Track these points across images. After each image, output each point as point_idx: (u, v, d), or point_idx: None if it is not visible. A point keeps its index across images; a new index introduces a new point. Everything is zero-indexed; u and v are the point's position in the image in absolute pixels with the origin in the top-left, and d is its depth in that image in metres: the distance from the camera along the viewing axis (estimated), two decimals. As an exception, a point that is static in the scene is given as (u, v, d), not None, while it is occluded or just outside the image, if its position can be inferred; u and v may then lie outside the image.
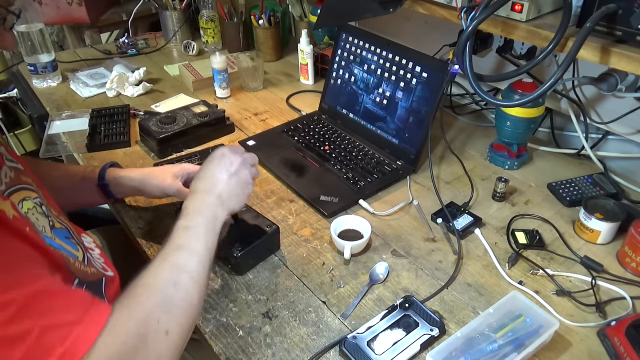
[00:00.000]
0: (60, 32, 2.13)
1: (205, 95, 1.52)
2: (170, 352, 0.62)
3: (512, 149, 1.17)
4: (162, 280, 0.65)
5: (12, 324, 0.52)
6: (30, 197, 0.71)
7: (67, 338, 0.54)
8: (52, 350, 0.53)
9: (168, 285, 0.65)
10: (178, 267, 0.67)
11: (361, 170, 1.16)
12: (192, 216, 0.74)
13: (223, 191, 0.78)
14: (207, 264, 0.71)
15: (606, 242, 0.97)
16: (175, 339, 0.63)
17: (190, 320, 0.66)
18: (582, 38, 0.80)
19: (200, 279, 0.68)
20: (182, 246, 0.70)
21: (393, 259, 0.94)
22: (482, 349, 0.74)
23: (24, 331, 0.52)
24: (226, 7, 1.76)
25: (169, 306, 0.63)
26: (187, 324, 0.65)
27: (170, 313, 0.63)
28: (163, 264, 0.67)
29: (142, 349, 0.59)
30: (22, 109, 2.03)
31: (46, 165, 1.01)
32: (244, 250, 0.88)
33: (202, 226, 0.73)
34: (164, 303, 0.63)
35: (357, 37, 1.27)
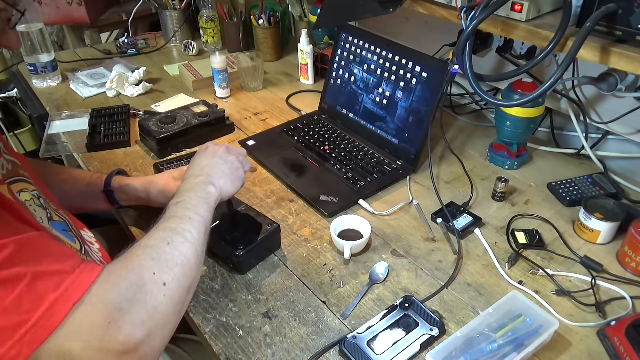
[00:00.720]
0: (60, 32, 2.13)
1: (205, 95, 1.52)
2: (168, 304, 0.61)
3: (512, 149, 1.17)
4: (156, 240, 0.65)
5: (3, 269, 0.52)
6: (28, 189, 0.71)
7: (60, 285, 0.54)
8: (46, 297, 0.53)
9: (162, 244, 0.65)
10: (171, 230, 0.67)
11: (361, 170, 1.16)
12: (184, 194, 0.75)
13: (211, 172, 0.80)
14: (200, 228, 0.70)
15: (606, 242, 0.97)
16: (173, 293, 0.62)
17: (188, 280, 0.65)
18: (582, 38, 0.80)
19: (194, 240, 0.68)
20: (173, 216, 0.70)
21: (393, 259, 0.94)
22: (482, 349, 0.74)
23: (16, 276, 0.52)
24: (226, 7, 1.76)
25: (165, 261, 0.63)
26: (185, 281, 0.64)
27: (166, 267, 0.62)
28: (156, 230, 0.68)
29: (140, 297, 0.58)
30: (22, 109, 2.02)
31: (53, 168, 1.02)
32: (246, 249, 0.88)
33: (193, 199, 0.74)
34: (159, 258, 0.63)
35: (357, 37, 1.27)
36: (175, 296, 0.62)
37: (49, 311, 0.53)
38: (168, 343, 0.64)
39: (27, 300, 0.52)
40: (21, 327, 0.52)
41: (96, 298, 0.56)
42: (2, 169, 0.69)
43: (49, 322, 0.53)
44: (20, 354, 0.52)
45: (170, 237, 0.66)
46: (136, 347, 0.56)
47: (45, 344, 0.52)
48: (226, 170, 0.82)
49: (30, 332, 0.52)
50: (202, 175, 0.79)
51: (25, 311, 0.52)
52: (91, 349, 0.54)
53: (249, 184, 1.13)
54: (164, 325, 0.61)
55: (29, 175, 0.76)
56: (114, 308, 0.56)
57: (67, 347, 0.53)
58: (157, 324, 0.59)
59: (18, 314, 0.52)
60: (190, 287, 0.66)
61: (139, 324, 0.57)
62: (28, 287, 0.53)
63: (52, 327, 0.52)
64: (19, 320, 0.52)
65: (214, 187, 0.78)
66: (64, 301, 0.54)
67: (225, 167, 0.82)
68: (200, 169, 0.80)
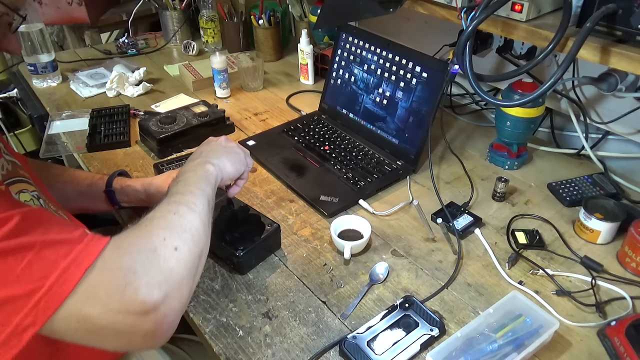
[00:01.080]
0: (60, 32, 2.13)
1: (205, 95, 1.52)
2: (182, 267, 0.60)
3: (512, 149, 1.17)
4: (161, 212, 0.65)
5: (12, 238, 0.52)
6: (27, 190, 0.72)
7: (70, 253, 0.54)
8: (56, 263, 0.53)
9: (168, 215, 0.65)
10: (175, 202, 0.67)
11: (361, 170, 1.16)
12: (183, 174, 0.75)
13: (207, 154, 0.79)
14: (204, 201, 0.70)
15: (606, 242, 0.97)
16: (185, 257, 0.61)
17: (197, 246, 0.64)
18: (582, 38, 0.80)
19: (197, 210, 0.67)
20: (176, 192, 0.70)
21: (393, 259, 0.94)
22: (482, 349, 0.74)
23: (25, 245, 0.52)
24: (226, 7, 1.76)
25: (173, 228, 0.63)
26: (194, 246, 0.64)
27: (175, 233, 0.62)
28: (160, 205, 0.67)
29: (153, 260, 0.58)
30: (22, 109, 2.02)
31: (54, 169, 1.02)
32: (246, 249, 0.88)
33: (193, 177, 0.73)
34: (167, 226, 0.63)
35: (357, 37, 1.27)
36: (188, 260, 0.62)
37: (61, 277, 0.52)
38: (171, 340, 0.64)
39: (38, 267, 0.52)
40: (34, 294, 0.51)
41: (109, 262, 0.55)
42: (2, 170, 0.69)
43: (62, 288, 0.52)
44: (35, 321, 0.51)
45: (175, 209, 0.66)
46: (155, 307, 0.56)
47: (61, 310, 0.52)
48: (224, 153, 0.82)
49: (44, 298, 0.51)
50: (199, 157, 0.79)
51: (37, 278, 0.52)
52: (110, 311, 0.54)
53: (249, 184, 1.13)
54: (180, 287, 0.60)
55: (29, 175, 0.76)
56: (128, 271, 0.56)
57: (86, 312, 0.53)
58: (173, 285, 0.58)
59: (30, 282, 0.51)
60: (201, 254, 0.66)
61: (156, 286, 0.56)
62: (38, 255, 0.52)
63: (66, 292, 0.52)
64: (32, 287, 0.51)
65: (213, 165, 0.77)
66: (76, 266, 0.53)
67: (224, 150, 0.82)
68: (199, 154, 0.80)
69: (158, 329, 0.57)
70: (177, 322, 0.60)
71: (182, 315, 0.63)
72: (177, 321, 0.60)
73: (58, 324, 0.53)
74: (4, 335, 0.51)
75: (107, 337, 0.56)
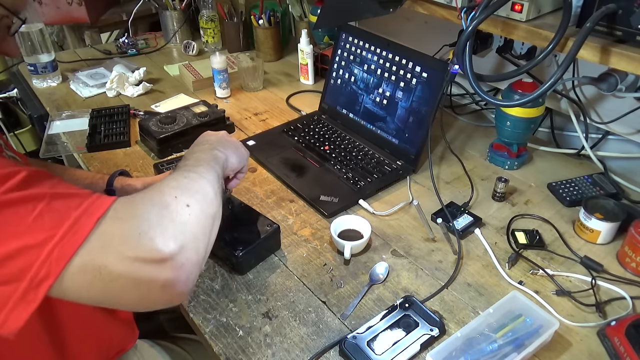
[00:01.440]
0: (60, 32, 2.13)
1: (205, 95, 1.52)
2: (195, 223, 0.59)
3: (512, 149, 1.17)
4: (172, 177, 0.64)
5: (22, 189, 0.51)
6: None
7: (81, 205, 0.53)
8: (68, 213, 0.52)
9: (179, 177, 0.64)
10: (186, 169, 0.67)
11: (361, 170, 1.16)
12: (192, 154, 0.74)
13: (214, 143, 0.79)
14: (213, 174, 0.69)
15: (606, 242, 0.97)
16: (198, 215, 0.60)
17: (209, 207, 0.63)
18: (582, 38, 0.80)
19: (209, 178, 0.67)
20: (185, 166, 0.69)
21: (393, 259, 0.94)
22: (482, 349, 0.74)
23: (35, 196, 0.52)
24: (226, 7, 1.76)
25: (185, 187, 0.62)
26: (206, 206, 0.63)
27: (187, 192, 0.61)
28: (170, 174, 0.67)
29: (166, 213, 0.57)
30: (22, 109, 2.02)
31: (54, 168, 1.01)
32: (245, 249, 0.88)
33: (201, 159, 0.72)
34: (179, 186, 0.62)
35: (357, 37, 1.27)
36: (201, 217, 0.60)
37: (73, 226, 0.51)
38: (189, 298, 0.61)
39: (50, 217, 0.51)
40: (47, 243, 0.50)
41: (122, 212, 0.55)
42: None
43: (75, 237, 0.51)
44: (49, 273, 0.50)
45: (186, 174, 0.65)
46: (172, 256, 0.55)
47: (75, 260, 0.51)
48: (229, 144, 0.81)
49: (57, 247, 0.50)
50: (207, 144, 0.78)
51: (49, 227, 0.51)
52: (126, 259, 0.53)
53: (249, 184, 1.13)
54: (195, 240, 0.58)
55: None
56: (141, 220, 0.55)
57: (101, 261, 0.52)
58: (188, 237, 0.57)
59: (42, 231, 0.50)
60: (214, 217, 0.64)
61: (170, 237, 0.55)
62: (48, 205, 0.52)
63: (79, 241, 0.51)
64: (44, 236, 0.50)
65: (220, 152, 0.77)
66: (88, 216, 0.52)
67: (228, 142, 0.82)
68: (204, 141, 0.80)
69: (176, 278, 0.55)
70: (196, 275, 0.59)
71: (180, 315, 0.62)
72: (196, 274, 0.59)
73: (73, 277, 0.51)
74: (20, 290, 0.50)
75: (124, 289, 0.54)
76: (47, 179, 0.55)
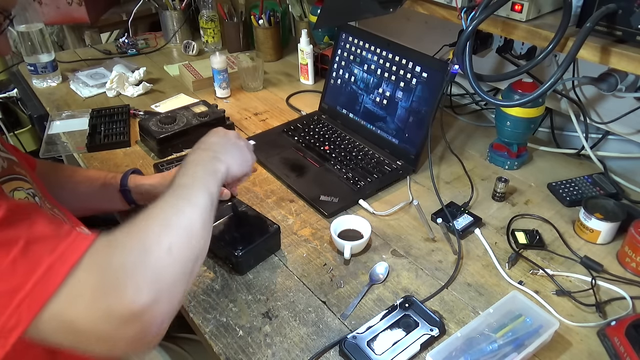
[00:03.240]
0: (60, 32, 2.13)
1: (205, 95, 1.52)
2: (175, 267, 0.58)
3: (512, 149, 1.17)
4: (160, 206, 0.63)
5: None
6: (22, 188, 0.71)
7: (56, 249, 0.52)
8: (41, 260, 0.51)
9: (166, 208, 0.62)
10: (176, 195, 0.65)
11: (361, 170, 1.16)
12: (190, 165, 0.72)
13: (219, 149, 0.77)
14: (207, 197, 0.67)
15: (606, 242, 0.97)
16: (178, 259, 0.58)
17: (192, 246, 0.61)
18: (582, 38, 0.80)
19: (200, 205, 0.65)
20: (179, 185, 0.68)
21: (393, 259, 0.94)
22: (482, 349, 0.75)
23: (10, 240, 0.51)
24: (226, 7, 1.76)
25: (170, 225, 0.60)
26: (189, 246, 0.61)
27: (172, 230, 0.59)
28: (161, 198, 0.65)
29: (144, 259, 0.55)
30: (22, 109, 2.02)
31: (66, 170, 1.00)
32: (245, 249, 0.88)
33: (200, 171, 0.71)
34: (164, 222, 0.60)
35: (357, 37, 1.27)
36: (182, 261, 0.59)
37: (45, 275, 0.50)
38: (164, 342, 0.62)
39: (22, 264, 0.50)
40: (18, 292, 0.49)
41: (98, 260, 0.53)
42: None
43: (46, 286, 0.50)
44: (19, 322, 0.49)
45: (175, 202, 0.64)
46: (142, 312, 0.53)
47: (45, 312, 0.50)
48: (235, 151, 0.80)
49: (28, 296, 0.49)
50: (210, 150, 0.77)
51: (22, 274, 0.50)
52: (95, 314, 0.51)
53: (249, 184, 1.13)
54: (170, 288, 0.57)
55: (25, 172, 0.75)
56: (116, 269, 0.53)
57: (71, 315, 0.51)
58: (163, 287, 0.55)
59: (14, 278, 0.50)
60: (197, 257, 0.62)
61: (145, 286, 0.53)
62: (22, 250, 0.50)
63: (50, 291, 0.50)
64: (15, 284, 0.49)
65: (221, 162, 0.75)
66: (61, 264, 0.51)
67: (234, 148, 0.81)
68: (209, 144, 0.78)
69: (144, 334, 0.54)
70: (166, 326, 0.57)
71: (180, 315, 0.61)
72: (166, 325, 0.57)
73: (43, 326, 0.51)
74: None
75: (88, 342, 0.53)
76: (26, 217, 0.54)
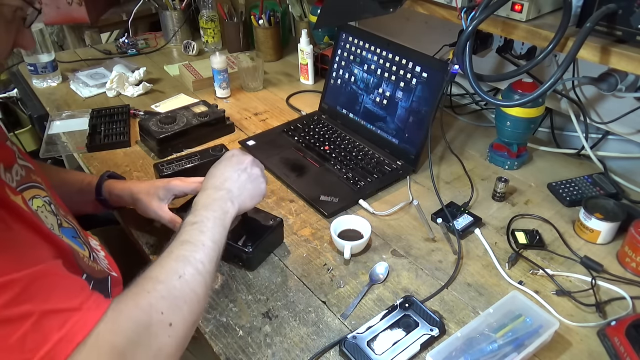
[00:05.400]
0: (60, 32, 2.13)
1: (205, 95, 1.52)
2: (173, 345, 0.61)
3: (512, 149, 1.17)
4: (167, 272, 0.64)
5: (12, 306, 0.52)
6: (40, 196, 0.71)
7: (65, 324, 0.54)
8: (49, 336, 0.52)
9: (173, 278, 0.64)
10: (183, 259, 0.66)
11: (361, 170, 1.16)
12: (200, 211, 0.74)
13: (233, 186, 0.78)
14: (213, 256, 0.70)
15: (606, 242, 0.97)
16: (179, 333, 0.61)
17: (194, 316, 0.65)
18: (582, 38, 0.80)
19: (205, 272, 0.67)
20: (187, 240, 0.69)
21: (393, 259, 0.94)
22: (482, 349, 0.74)
23: (23, 315, 0.52)
24: (226, 7, 1.76)
25: (174, 299, 0.62)
26: (191, 318, 0.64)
27: (175, 306, 0.62)
28: (168, 258, 0.67)
29: (145, 339, 0.58)
30: (22, 109, 2.02)
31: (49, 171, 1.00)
32: (255, 244, 0.89)
33: (210, 220, 0.73)
34: (168, 296, 0.62)
35: (357, 37, 1.27)
36: (181, 336, 0.62)
37: (51, 352, 0.52)
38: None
39: (31, 339, 0.52)
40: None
41: (101, 341, 0.55)
42: (16, 175, 0.69)
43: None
44: None
45: (182, 269, 0.65)
46: None
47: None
48: (248, 185, 0.81)
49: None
50: (223, 189, 0.77)
51: (29, 350, 0.51)
52: None
53: (249, 184, 1.13)
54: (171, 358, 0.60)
55: (41, 180, 0.75)
56: (118, 352, 0.55)
57: None
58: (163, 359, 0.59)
59: (21, 352, 0.51)
60: (195, 323, 0.66)
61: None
62: (33, 325, 0.52)
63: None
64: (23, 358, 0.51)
65: (233, 204, 0.77)
66: (67, 342, 0.53)
67: (248, 182, 0.81)
68: (222, 181, 0.79)
69: None
70: None
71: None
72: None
73: None
74: None
75: None
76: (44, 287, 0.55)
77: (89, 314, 0.56)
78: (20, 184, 0.68)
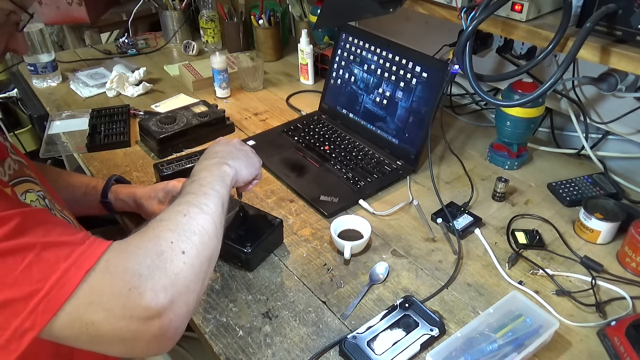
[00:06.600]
0: (60, 32, 2.13)
1: (205, 95, 1.52)
2: (189, 271, 0.59)
3: (512, 149, 1.17)
4: (171, 213, 0.64)
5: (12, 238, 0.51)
6: (33, 190, 0.71)
7: (71, 254, 0.53)
8: (56, 265, 0.52)
9: (178, 216, 0.63)
10: (187, 203, 0.66)
11: (361, 170, 1.16)
12: (198, 173, 0.73)
13: (224, 155, 0.78)
14: (217, 202, 0.68)
15: (606, 242, 0.97)
16: (193, 260, 0.60)
17: (207, 250, 0.63)
18: (582, 38, 0.80)
19: (211, 212, 0.66)
20: (189, 192, 0.69)
21: (393, 259, 0.94)
22: (482, 349, 0.74)
23: (25, 246, 0.52)
24: (226, 7, 1.76)
25: (182, 230, 0.61)
26: (204, 250, 0.62)
27: (184, 236, 0.61)
28: (171, 206, 0.66)
29: (159, 264, 0.56)
30: (22, 109, 2.02)
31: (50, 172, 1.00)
32: (254, 245, 0.89)
33: (209, 177, 0.72)
34: (176, 228, 0.61)
35: (357, 37, 1.27)
36: (196, 264, 0.60)
37: (61, 279, 0.51)
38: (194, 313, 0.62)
39: (38, 269, 0.51)
40: (33, 297, 0.50)
41: (113, 265, 0.54)
42: (9, 169, 0.69)
43: (62, 291, 0.51)
44: (34, 325, 0.50)
45: (186, 209, 0.65)
46: (160, 313, 0.55)
47: (61, 314, 0.51)
48: (241, 156, 0.81)
49: (43, 301, 0.51)
50: (216, 157, 0.78)
51: (37, 280, 0.51)
52: (114, 316, 0.53)
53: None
54: (187, 291, 0.58)
55: (35, 175, 0.75)
56: (132, 274, 0.54)
57: (89, 318, 0.52)
58: (180, 290, 0.57)
59: (29, 284, 0.51)
60: (211, 258, 0.64)
61: (161, 290, 0.55)
62: (38, 256, 0.52)
63: (65, 295, 0.51)
64: (31, 289, 0.51)
65: (229, 166, 0.76)
66: (76, 269, 0.52)
67: (239, 153, 0.82)
68: (214, 154, 0.79)
69: (163, 335, 0.56)
70: (184, 327, 0.59)
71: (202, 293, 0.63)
72: (184, 327, 0.59)
73: (60, 329, 0.52)
74: (3, 338, 0.50)
75: (110, 343, 0.55)
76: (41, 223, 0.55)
77: (94, 246, 0.55)
78: (12, 177, 0.68)
